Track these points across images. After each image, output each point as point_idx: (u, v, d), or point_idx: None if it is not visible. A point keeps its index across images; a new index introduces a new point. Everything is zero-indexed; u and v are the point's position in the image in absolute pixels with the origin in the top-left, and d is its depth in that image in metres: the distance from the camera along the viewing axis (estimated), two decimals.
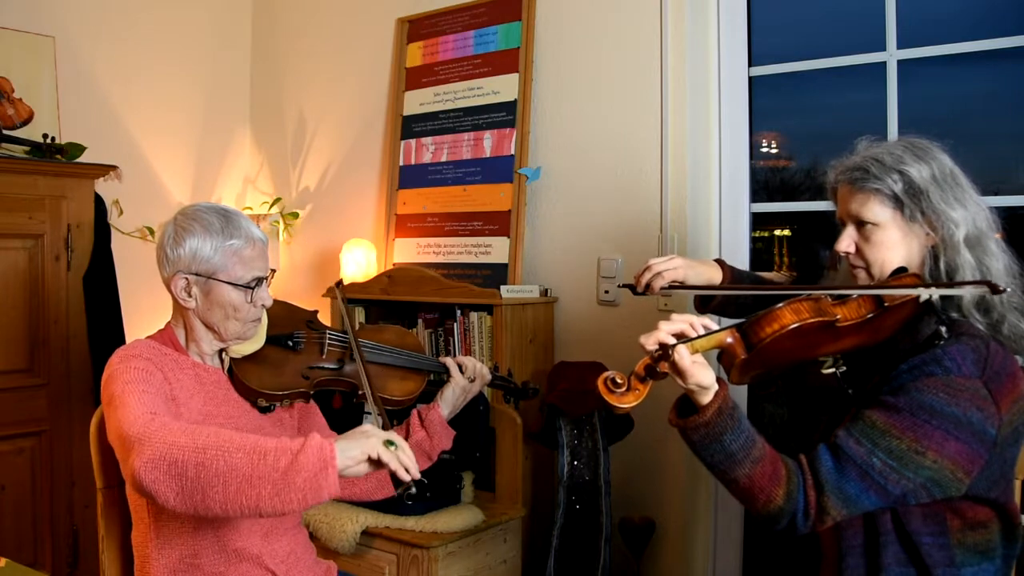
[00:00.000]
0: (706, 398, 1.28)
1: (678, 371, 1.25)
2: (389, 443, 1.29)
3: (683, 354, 1.24)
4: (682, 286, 1.65)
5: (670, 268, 1.65)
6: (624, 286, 1.73)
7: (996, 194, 2.14)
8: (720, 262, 1.75)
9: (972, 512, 1.34)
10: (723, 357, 1.32)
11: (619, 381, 1.25)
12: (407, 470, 1.29)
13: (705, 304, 1.78)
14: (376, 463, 1.29)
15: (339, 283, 1.98)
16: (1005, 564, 1.38)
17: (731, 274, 1.73)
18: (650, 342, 1.27)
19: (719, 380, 1.31)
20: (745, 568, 2.42)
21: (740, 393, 2.40)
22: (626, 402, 1.25)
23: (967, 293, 1.35)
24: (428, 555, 2.07)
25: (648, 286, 1.66)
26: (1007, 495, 1.37)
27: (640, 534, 2.38)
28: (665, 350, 1.25)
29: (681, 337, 1.27)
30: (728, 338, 1.29)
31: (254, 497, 1.24)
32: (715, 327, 1.30)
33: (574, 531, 2.28)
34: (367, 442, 1.29)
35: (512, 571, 2.30)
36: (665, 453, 2.41)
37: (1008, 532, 1.38)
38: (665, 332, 1.27)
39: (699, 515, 2.40)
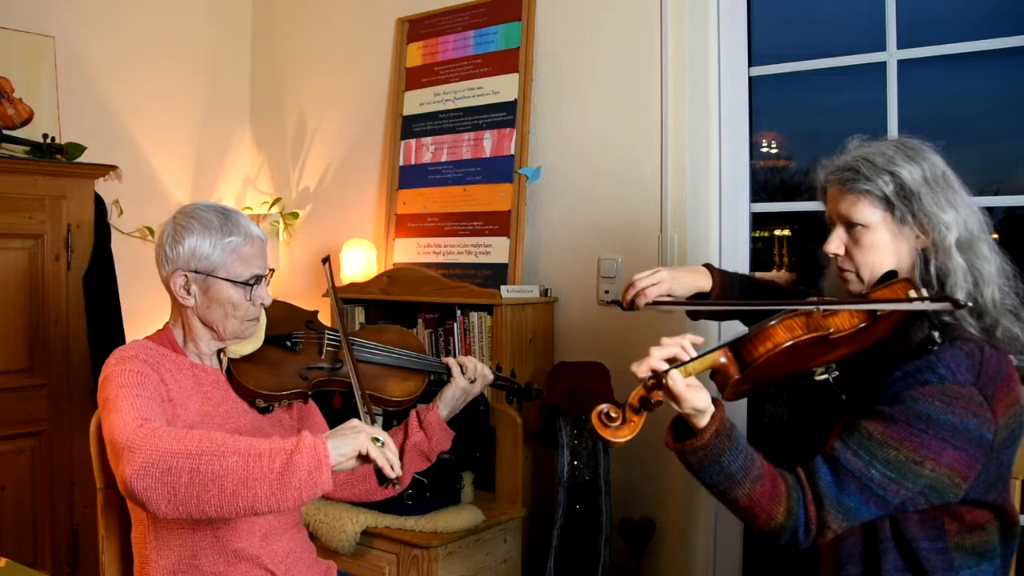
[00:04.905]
0: (703, 421, 1.25)
1: (673, 397, 1.22)
2: (375, 440, 1.35)
3: (676, 379, 1.21)
4: (668, 302, 1.60)
5: (653, 284, 1.60)
6: (611, 303, 1.67)
7: (996, 194, 2.13)
8: (709, 267, 1.70)
9: (970, 515, 1.34)
10: (717, 376, 1.30)
11: (613, 415, 1.21)
12: (392, 467, 1.35)
13: (696, 313, 1.75)
14: (364, 458, 1.35)
15: (326, 259, 1.90)
16: (1004, 563, 1.38)
17: (721, 279, 1.68)
18: (642, 369, 1.23)
19: (715, 401, 1.27)
20: (745, 568, 2.42)
21: None
22: (621, 436, 1.21)
23: (931, 308, 1.30)
24: (428, 555, 2.07)
25: (633, 303, 1.61)
26: (1004, 496, 1.37)
27: (640, 534, 2.38)
28: (658, 377, 1.21)
29: (673, 361, 1.24)
30: (721, 358, 1.26)
31: (250, 498, 1.28)
32: (704, 344, 1.28)
33: (574, 531, 2.28)
34: (357, 438, 1.34)
35: (512, 571, 2.30)
36: (665, 453, 2.38)
37: (1006, 531, 1.37)
38: (657, 358, 1.24)
39: (699, 515, 2.40)
